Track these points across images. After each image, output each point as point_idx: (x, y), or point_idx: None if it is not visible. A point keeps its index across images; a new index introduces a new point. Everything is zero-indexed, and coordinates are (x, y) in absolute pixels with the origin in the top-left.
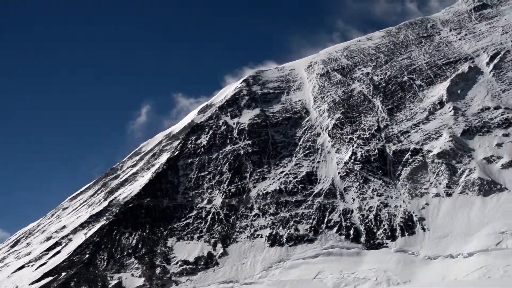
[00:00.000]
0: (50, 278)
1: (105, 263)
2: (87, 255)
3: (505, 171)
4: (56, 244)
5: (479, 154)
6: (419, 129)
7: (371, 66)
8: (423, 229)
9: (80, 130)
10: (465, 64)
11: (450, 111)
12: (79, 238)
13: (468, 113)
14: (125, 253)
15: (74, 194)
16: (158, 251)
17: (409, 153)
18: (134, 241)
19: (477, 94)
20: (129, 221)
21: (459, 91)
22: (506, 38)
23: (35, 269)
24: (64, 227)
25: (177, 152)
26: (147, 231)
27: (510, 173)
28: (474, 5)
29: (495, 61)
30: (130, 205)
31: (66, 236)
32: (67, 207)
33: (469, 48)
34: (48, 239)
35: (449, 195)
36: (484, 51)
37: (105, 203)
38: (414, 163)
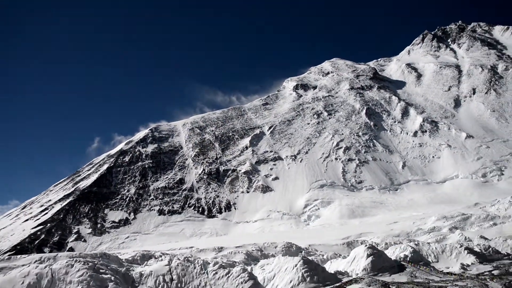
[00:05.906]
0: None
1: (71, 220)
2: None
3: (274, 182)
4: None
5: (262, 173)
6: (236, 159)
7: (214, 126)
8: (235, 208)
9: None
10: (258, 129)
11: (251, 152)
12: (59, 205)
13: (258, 153)
14: (83, 215)
15: (52, 186)
16: (99, 215)
17: (231, 170)
18: (87, 209)
19: (262, 144)
20: (84, 199)
21: (254, 142)
22: (276, 120)
23: None
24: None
25: (112, 164)
26: (94, 204)
27: (276, 184)
28: (262, 102)
29: (271, 130)
30: (86, 191)
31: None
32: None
33: (260, 122)
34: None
35: (247, 192)
36: (266, 124)
37: (72, 188)
38: (232, 175)
